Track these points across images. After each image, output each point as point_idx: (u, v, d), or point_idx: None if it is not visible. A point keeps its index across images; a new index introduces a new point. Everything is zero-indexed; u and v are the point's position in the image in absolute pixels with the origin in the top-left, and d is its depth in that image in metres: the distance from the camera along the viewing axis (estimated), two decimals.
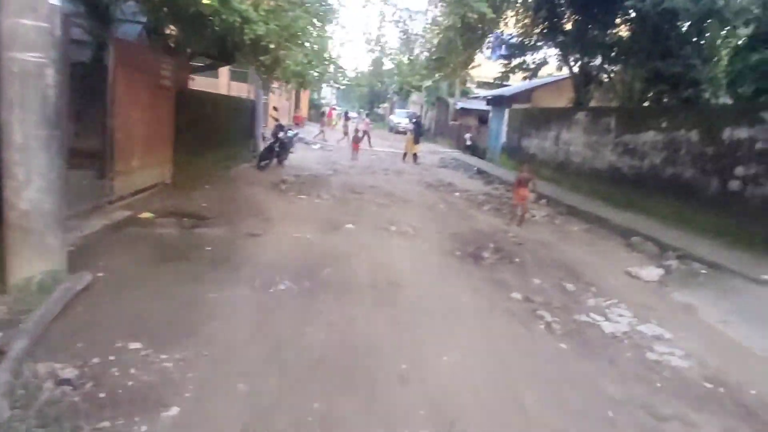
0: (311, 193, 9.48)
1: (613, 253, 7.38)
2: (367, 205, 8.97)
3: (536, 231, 8.48)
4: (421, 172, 15.19)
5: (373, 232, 7.14)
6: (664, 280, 6.03)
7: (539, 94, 18.24)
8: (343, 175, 12.71)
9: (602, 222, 9.16)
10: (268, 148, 12.23)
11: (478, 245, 6.95)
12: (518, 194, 8.69)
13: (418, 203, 9.73)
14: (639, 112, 10.39)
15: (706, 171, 8.16)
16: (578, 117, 12.65)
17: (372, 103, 67.82)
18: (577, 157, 12.64)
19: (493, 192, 12.40)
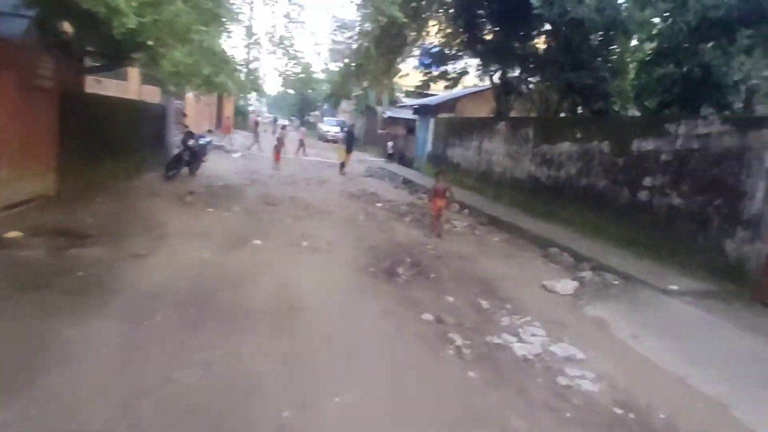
0: (220, 206, 8.78)
1: (531, 265, 7.29)
2: (280, 219, 8.40)
3: (456, 242, 8.29)
4: (345, 181, 14.77)
5: (283, 249, 6.60)
6: (578, 293, 5.94)
7: (464, 103, 18.43)
8: (260, 185, 12.03)
9: (522, 232, 9.13)
10: (177, 156, 11.34)
11: (395, 260, 6.60)
12: (435, 205, 8.47)
13: (337, 215, 9.28)
14: (555, 122, 10.57)
15: (618, 182, 8.31)
16: (499, 127, 12.75)
17: (303, 111, 66.92)
18: (498, 167, 12.72)
19: (417, 202, 12.19)
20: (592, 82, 8.71)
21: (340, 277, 5.72)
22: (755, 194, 6.07)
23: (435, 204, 8.46)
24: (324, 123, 39.04)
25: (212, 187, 10.73)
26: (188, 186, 10.47)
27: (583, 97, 9.03)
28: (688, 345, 4.64)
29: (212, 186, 10.82)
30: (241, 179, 12.66)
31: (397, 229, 8.74)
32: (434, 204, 8.48)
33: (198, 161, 12.30)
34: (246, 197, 10.06)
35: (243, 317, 4.29)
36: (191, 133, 11.77)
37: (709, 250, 6.58)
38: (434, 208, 8.49)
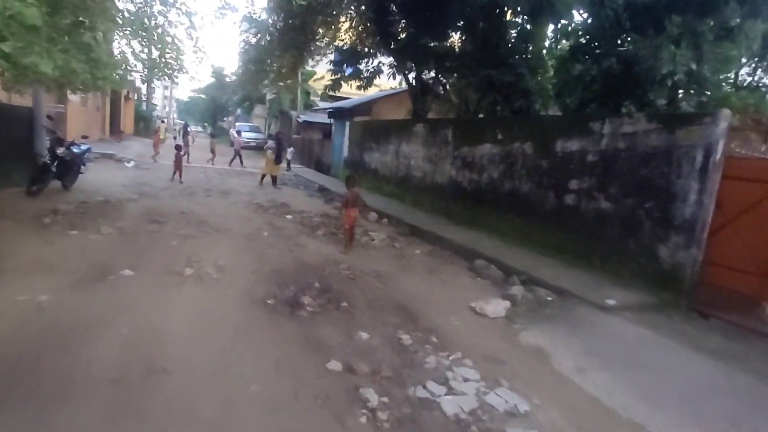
0: (89, 227, 7.21)
1: (457, 282, 6.50)
2: (164, 240, 7.01)
3: (374, 258, 7.35)
4: (253, 191, 13.39)
5: (158, 280, 5.29)
6: (511, 314, 5.19)
7: (379, 106, 17.68)
8: (149, 199, 10.42)
9: (445, 243, 8.39)
10: (42, 167, 9.47)
11: (300, 286, 5.53)
12: (348, 216, 7.50)
13: (236, 232, 8.01)
14: (475, 123, 9.99)
15: (543, 185, 7.79)
16: (417, 129, 12.04)
17: (215, 117, 63.73)
18: (418, 171, 11.99)
19: (332, 212, 11.14)
20: (512, 79, 8.16)
21: (226, 316, 4.54)
22: (687, 196, 5.66)
23: (348, 215, 7.49)
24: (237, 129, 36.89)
25: (87, 203, 9.01)
26: (55, 203, 8.71)
27: (503, 95, 8.48)
28: (638, 377, 3.98)
29: (87, 202, 9.10)
30: (127, 192, 10.94)
31: (307, 246, 7.65)
32: (347, 215, 7.50)
33: (72, 173, 10.44)
34: (126, 214, 8.49)
35: (71, 393, 3.04)
36: (60, 139, 9.93)
37: (641, 256, 6.12)
38: (347, 219, 7.52)
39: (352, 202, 7.48)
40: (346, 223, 7.51)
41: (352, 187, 7.73)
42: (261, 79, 14.19)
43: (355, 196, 7.56)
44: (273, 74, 12.84)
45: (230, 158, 20.25)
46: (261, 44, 11.12)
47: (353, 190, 7.67)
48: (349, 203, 7.48)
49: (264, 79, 14.07)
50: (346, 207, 7.49)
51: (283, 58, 11.42)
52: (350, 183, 7.79)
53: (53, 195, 9.56)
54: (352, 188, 7.71)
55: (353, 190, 7.70)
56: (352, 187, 7.73)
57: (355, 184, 7.86)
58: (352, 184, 7.76)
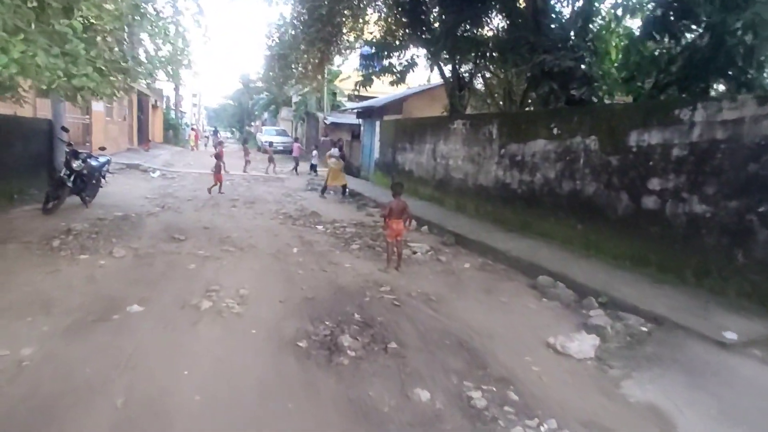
0: (100, 249, 6.48)
1: (520, 305, 5.46)
2: (182, 263, 6.20)
3: (418, 276, 6.39)
4: (280, 200, 12.59)
5: (170, 318, 4.45)
6: (602, 354, 4.13)
7: (411, 103, 16.69)
8: (171, 212, 9.71)
9: (497, 254, 7.35)
10: (57, 183, 8.85)
11: (338, 319, 4.61)
12: (392, 229, 6.54)
13: (262, 250, 7.16)
14: (524, 117, 8.90)
15: (613, 185, 6.66)
16: (456, 126, 11.00)
17: (243, 122, 63.97)
18: (458, 173, 10.95)
19: (367, 220, 10.22)
20: (572, 64, 7.05)
21: (248, 369, 3.64)
22: None
23: (392, 227, 6.52)
24: (263, 133, 36.50)
25: (103, 220, 8.33)
26: (70, 221, 8.06)
27: (560, 83, 7.37)
28: None
29: (104, 219, 8.42)
30: (149, 206, 10.27)
31: (342, 263, 6.73)
32: (391, 228, 6.53)
33: (90, 187, 9.82)
34: (144, 231, 7.75)
35: None
36: (76, 152, 9.29)
37: (754, 272, 4.96)
38: (390, 232, 6.55)
39: (397, 213, 6.51)
40: (389, 236, 6.54)
41: (399, 194, 6.72)
42: (286, 77, 13.34)
43: (402, 206, 6.56)
44: (299, 71, 11.98)
45: (265, 165, 19.63)
46: (285, 39, 10.26)
47: (400, 199, 6.68)
48: (393, 213, 6.50)
49: (289, 77, 13.21)
50: (389, 218, 6.52)
51: (309, 54, 10.55)
52: (397, 190, 6.77)
53: (70, 212, 8.95)
54: (398, 196, 6.71)
55: (400, 198, 6.69)
56: (399, 194, 6.72)
57: (402, 191, 6.83)
58: (399, 192, 6.75)
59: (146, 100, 28.96)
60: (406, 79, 11.98)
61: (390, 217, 6.52)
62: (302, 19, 8.71)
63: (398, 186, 6.87)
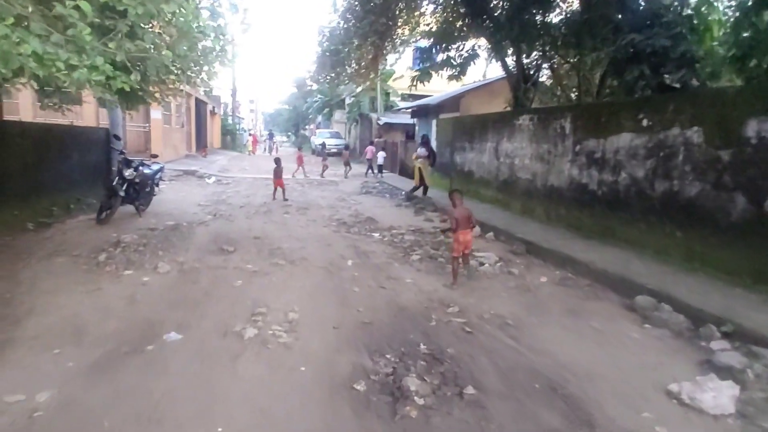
0: (146, 264, 6.10)
1: (618, 333, 4.54)
2: (228, 279, 5.70)
3: (489, 292, 5.59)
4: (335, 204, 12.07)
5: (209, 348, 3.90)
6: (746, 410, 3.19)
7: (468, 100, 15.79)
8: (223, 221, 9.36)
9: (578, 266, 6.41)
10: (110, 192, 8.68)
11: (401, 351, 3.92)
12: (459, 242, 5.76)
13: (314, 262, 6.57)
14: (604, 108, 7.84)
15: (724, 185, 5.57)
16: (522, 122, 10.05)
17: (298, 126, 64.83)
18: (525, 173, 10.00)
19: (425, 226, 9.47)
20: (668, 43, 6.00)
21: (294, 420, 2.99)
22: None
23: (459, 240, 5.74)
24: (317, 136, 36.51)
25: (154, 230, 8.06)
26: (122, 232, 7.83)
27: (653, 66, 6.31)
28: None
29: (155, 229, 8.15)
30: (201, 213, 9.99)
31: (403, 278, 6.02)
32: (458, 240, 5.75)
33: (144, 196, 9.65)
34: (193, 243, 7.37)
35: None
36: (128, 160, 9.12)
37: None
38: (457, 246, 5.77)
39: (463, 222, 5.74)
40: (456, 250, 5.76)
41: (460, 202, 5.97)
42: (338, 75, 12.76)
43: (467, 215, 5.82)
44: (352, 68, 11.38)
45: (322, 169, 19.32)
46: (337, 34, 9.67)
47: (464, 207, 5.93)
48: (459, 224, 5.73)
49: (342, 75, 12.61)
50: (455, 229, 5.75)
51: (362, 49, 9.92)
52: (457, 197, 6.02)
53: (123, 221, 8.77)
54: (460, 203, 5.95)
55: (463, 206, 5.94)
56: (460, 202, 5.97)
57: (462, 198, 6.08)
58: (459, 199, 6.00)
59: (204, 107, 29.54)
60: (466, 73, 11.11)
61: (456, 228, 5.74)
62: (355, 12, 8.13)
63: (458, 193, 6.08)
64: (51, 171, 8.85)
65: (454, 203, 5.96)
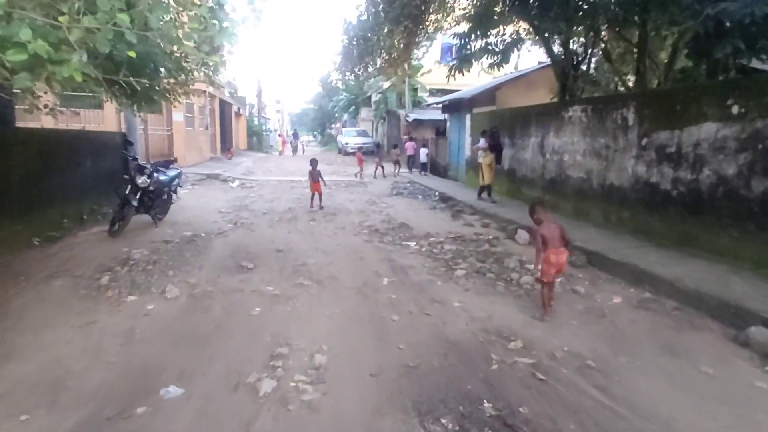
0: (154, 286, 5.33)
1: (738, 381, 3.52)
2: (245, 305, 4.87)
3: (557, 320, 4.63)
4: (364, 209, 11.18)
5: (215, 411, 3.05)
6: None
7: (504, 93, 14.67)
8: (244, 230, 8.58)
9: (658, 283, 5.35)
10: (123, 201, 8.00)
11: (459, 412, 3.03)
12: (550, 263, 4.65)
13: (344, 282, 5.69)
14: (679, 94, 6.71)
15: None
16: (572, 114, 8.96)
17: (323, 125, 64.44)
18: (577, 170, 8.91)
19: (466, 232, 8.50)
20: None
21: None
22: None
23: (550, 261, 4.64)
24: (344, 134, 35.75)
25: (169, 242, 7.34)
26: (133, 246, 7.14)
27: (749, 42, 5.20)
28: None
29: (170, 241, 7.43)
30: (221, 222, 9.25)
31: (449, 300, 5.09)
32: (549, 261, 4.65)
33: (160, 204, 8.97)
34: (209, 258, 6.59)
35: None
36: (141, 167, 8.43)
37: None
38: (551, 268, 4.66)
39: (554, 240, 4.68)
40: (547, 274, 4.68)
41: (545, 215, 4.83)
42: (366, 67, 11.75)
43: (558, 232, 4.70)
44: (382, 58, 10.44)
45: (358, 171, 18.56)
46: (365, 19, 8.72)
47: (552, 221, 4.81)
48: (548, 243, 4.70)
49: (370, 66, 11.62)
50: (544, 248, 4.71)
51: (394, 35, 8.96)
52: (541, 210, 4.85)
53: (138, 232, 8.10)
54: (546, 217, 4.82)
55: (551, 220, 4.82)
56: (545, 215, 4.83)
57: (547, 211, 4.95)
58: (544, 212, 4.85)
59: (229, 108, 29.11)
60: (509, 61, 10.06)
61: (545, 247, 4.69)
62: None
63: (540, 206, 4.90)
64: (60, 179, 8.22)
65: (538, 219, 4.83)
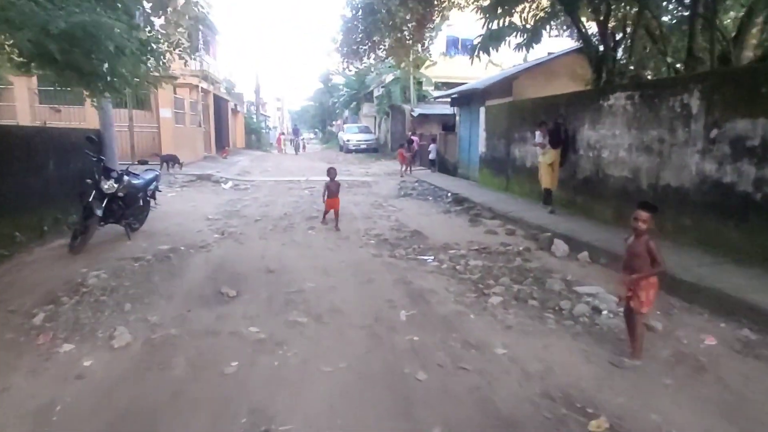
0: (101, 328, 4.07)
1: None
2: (217, 358, 3.60)
3: (640, 376, 3.36)
4: (370, 213, 9.91)
5: None
6: None
7: (522, 82, 13.36)
8: (231, 242, 7.33)
9: (757, 315, 4.10)
10: (85, 212, 6.75)
11: None
12: (648, 295, 3.49)
13: (352, 315, 4.43)
14: (763, 74, 5.44)
15: None
16: (613, 102, 7.68)
17: (324, 122, 63.21)
18: (619, 168, 7.64)
19: (489, 241, 7.25)
20: None
21: None
22: None
23: (648, 292, 3.49)
24: (345, 131, 34.45)
25: (139, 260, 6.11)
26: (98, 262, 5.94)
27: None
28: None
29: (141, 258, 6.20)
30: (207, 231, 8.00)
31: (489, 344, 3.83)
32: (646, 290, 3.48)
33: (135, 211, 7.74)
34: (182, 284, 5.33)
35: None
36: (108, 169, 7.19)
37: None
38: (649, 299, 3.50)
39: (638, 262, 3.47)
40: (645, 307, 3.49)
41: (648, 228, 3.49)
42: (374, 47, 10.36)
43: (648, 254, 3.43)
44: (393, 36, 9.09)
45: None
46: None
47: (651, 237, 3.50)
48: (634, 266, 3.48)
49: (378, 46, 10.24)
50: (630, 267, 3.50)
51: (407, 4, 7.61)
52: (644, 222, 3.46)
53: (106, 247, 6.89)
54: (645, 231, 3.49)
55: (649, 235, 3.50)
56: (648, 228, 3.49)
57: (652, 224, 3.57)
58: (646, 225, 3.47)
59: (225, 104, 27.85)
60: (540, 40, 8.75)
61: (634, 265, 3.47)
62: None
63: (647, 207, 3.51)
64: (12, 185, 7.01)
65: (639, 230, 3.51)
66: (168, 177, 14.27)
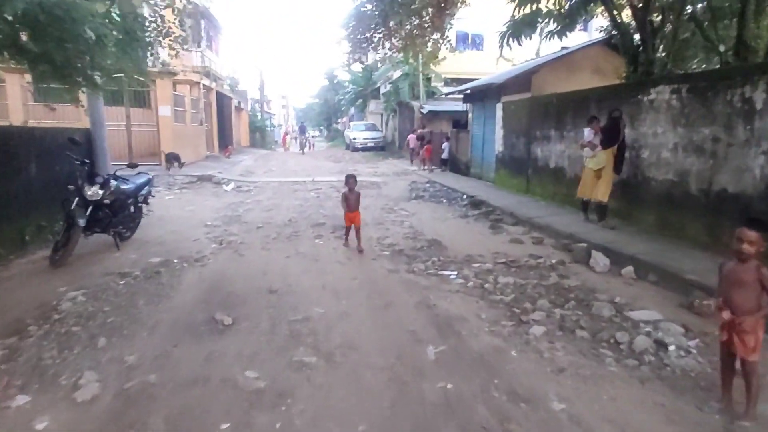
0: (66, 371, 3.36)
1: None
2: (207, 411, 2.87)
3: None
4: (381, 218, 9.15)
5: None
6: None
7: (542, 77, 12.52)
8: (229, 254, 6.60)
9: None
10: (67, 221, 6.05)
11: None
12: (757, 339, 2.74)
13: (369, 353, 3.69)
14: None
15: None
16: (656, 96, 6.89)
17: (329, 119, 62.49)
18: (663, 171, 6.85)
19: (516, 253, 6.48)
20: None
21: None
22: None
23: (758, 335, 2.74)
24: (351, 129, 33.68)
25: (126, 276, 5.40)
26: (79, 278, 5.24)
27: None
28: None
29: (128, 274, 5.49)
30: (205, 240, 7.29)
31: (542, 396, 3.08)
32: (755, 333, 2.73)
33: (125, 219, 7.05)
34: (172, 305, 4.61)
35: None
36: (92, 174, 6.48)
37: None
38: (742, 346, 2.75)
39: (743, 294, 2.76)
40: (751, 354, 2.75)
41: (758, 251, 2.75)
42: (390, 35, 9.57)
43: (760, 284, 2.72)
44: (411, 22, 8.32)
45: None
46: None
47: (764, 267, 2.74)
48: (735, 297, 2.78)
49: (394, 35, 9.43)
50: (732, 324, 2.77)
51: None
52: (751, 243, 2.72)
53: (92, 258, 6.24)
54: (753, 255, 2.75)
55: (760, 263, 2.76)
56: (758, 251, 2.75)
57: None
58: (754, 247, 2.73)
59: (228, 102, 27.16)
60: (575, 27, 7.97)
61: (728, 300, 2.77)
62: None
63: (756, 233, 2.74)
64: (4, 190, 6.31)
65: (746, 253, 2.76)
66: (167, 178, 13.59)
